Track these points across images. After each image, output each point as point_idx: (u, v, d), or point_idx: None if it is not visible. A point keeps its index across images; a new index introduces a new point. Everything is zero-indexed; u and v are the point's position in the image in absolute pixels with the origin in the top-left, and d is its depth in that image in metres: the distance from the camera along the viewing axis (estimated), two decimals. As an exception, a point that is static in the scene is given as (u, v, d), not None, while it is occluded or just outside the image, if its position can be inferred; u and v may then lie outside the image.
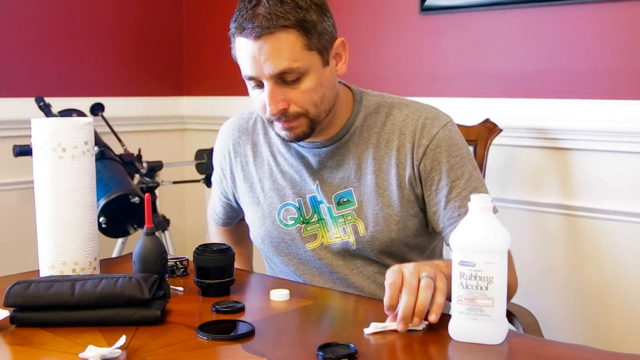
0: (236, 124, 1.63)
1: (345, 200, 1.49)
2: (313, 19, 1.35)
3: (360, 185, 1.48)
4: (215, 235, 1.83)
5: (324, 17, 1.38)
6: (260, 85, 1.39)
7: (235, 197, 1.66)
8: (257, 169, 1.57)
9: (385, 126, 1.48)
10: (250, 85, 1.42)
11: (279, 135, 1.49)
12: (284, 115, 1.39)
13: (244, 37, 1.36)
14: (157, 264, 1.32)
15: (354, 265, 1.51)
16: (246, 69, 1.38)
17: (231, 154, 1.61)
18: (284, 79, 1.36)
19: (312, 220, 1.51)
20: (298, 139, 1.44)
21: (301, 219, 1.52)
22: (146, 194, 1.35)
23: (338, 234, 1.49)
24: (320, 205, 1.51)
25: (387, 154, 1.47)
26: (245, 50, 1.37)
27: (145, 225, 1.34)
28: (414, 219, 1.48)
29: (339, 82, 1.51)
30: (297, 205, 1.52)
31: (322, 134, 1.49)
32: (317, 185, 1.50)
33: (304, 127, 1.42)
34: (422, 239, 1.53)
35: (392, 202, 1.46)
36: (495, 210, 1.47)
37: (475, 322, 1.11)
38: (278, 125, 1.43)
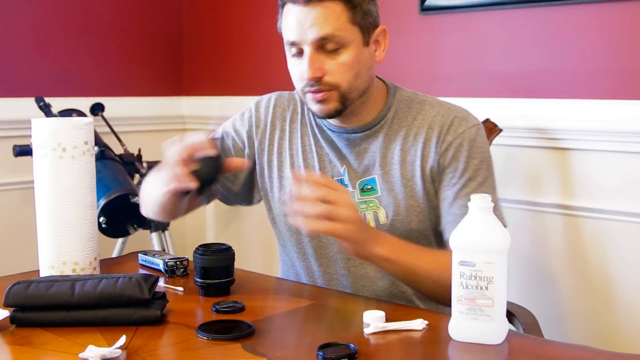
0: (278, 100, 1.65)
1: (369, 187, 1.52)
2: None
3: (384, 174, 1.51)
4: None
5: (371, 1, 1.47)
6: (300, 53, 1.44)
7: (252, 166, 1.63)
8: (291, 145, 1.59)
9: (415, 120, 1.52)
10: (290, 53, 1.47)
11: (311, 111, 1.53)
12: (318, 83, 1.44)
13: (293, 2, 1.43)
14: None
15: None
16: (290, 34, 1.44)
17: (268, 127, 1.62)
18: (324, 47, 1.42)
19: None
20: (329, 114, 1.48)
21: None
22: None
23: None
24: (346, 188, 1.52)
25: (413, 146, 1.50)
26: (293, 16, 1.43)
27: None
28: (434, 212, 1.51)
29: (376, 76, 1.56)
30: None
31: (353, 119, 1.53)
32: (345, 169, 1.54)
33: (335, 101, 1.46)
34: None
35: (415, 193, 1.49)
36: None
37: (475, 322, 1.11)
38: (311, 98, 1.47)
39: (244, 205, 1.72)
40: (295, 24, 1.42)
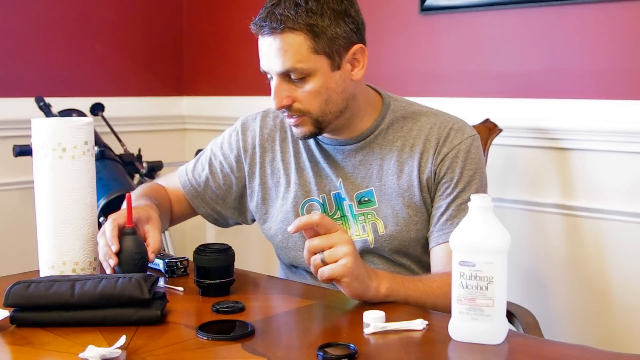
0: (263, 121, 1.64)
1: (366, 199, 1.52)
2: (324, 24, 1.41)
3: (381, 186, 1.51)
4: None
5: (340, 22, 1.43)
6: (272, 78, 1.46)
7: (241, 190, 1.64)
8: (284, 164, 1.59)
9: (411, 131, 1.53)
10: (268, 77, 1.48)
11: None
12: (288, 110, 1.45)
13: (257, 32, 1.44)
14: (132, 265, 1.33)
15: (370, 265, 1.51)
16: (261, 63, 1.46)
17: (257, 150, 1.61)
18: (290, 77, 1.42)
19: (335, 217, 1.54)
20: (306, 137, 1.50)
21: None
22: (127, 194, 1.36)
23: (358, 232, 1.52)
24: (343, 202, 1.53)
25: (410, 157, 1.51)
26: (260, 46, 1.45)
27: (126, 225, 1.35)
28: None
29: (368, 85, 1.56)
30: (321, 201, 1.55)
31: (345, 132, 1.53)
32: (340, 182, 1.53)
33: (309, 126, 1.47)
34: None
35: (413, 203, 1.50)
36: None
37: (475, 322, 1.11)
38: (287, 122, 1.50)
39: (239, 223, 1.72)
40: (263, 54, 1.44)
